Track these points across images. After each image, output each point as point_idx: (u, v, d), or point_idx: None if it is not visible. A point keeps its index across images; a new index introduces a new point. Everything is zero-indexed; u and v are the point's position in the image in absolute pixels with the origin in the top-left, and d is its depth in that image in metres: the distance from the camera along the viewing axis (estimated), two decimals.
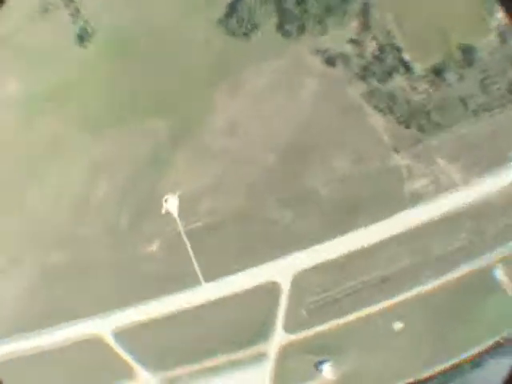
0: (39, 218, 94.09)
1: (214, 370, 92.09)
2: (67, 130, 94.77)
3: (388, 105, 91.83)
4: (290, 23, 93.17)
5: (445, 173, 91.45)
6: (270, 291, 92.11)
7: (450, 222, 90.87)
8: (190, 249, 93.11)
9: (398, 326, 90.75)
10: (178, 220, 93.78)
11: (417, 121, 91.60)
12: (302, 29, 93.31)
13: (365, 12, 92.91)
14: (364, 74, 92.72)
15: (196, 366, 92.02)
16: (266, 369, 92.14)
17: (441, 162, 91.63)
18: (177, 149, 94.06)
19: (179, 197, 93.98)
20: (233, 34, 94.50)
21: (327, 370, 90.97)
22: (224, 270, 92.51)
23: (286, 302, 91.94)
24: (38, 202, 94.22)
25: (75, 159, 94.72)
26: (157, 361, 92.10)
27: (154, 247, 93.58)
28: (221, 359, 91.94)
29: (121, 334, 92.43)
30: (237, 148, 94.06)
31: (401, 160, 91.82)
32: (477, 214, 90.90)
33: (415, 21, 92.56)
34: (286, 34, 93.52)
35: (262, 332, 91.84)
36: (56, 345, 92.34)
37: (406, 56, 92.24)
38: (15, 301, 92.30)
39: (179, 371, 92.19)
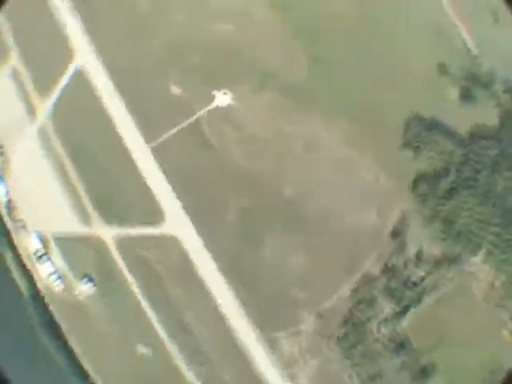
0: None
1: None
2: None
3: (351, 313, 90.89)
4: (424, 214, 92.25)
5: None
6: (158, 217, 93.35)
7: None
8: (178, 127, 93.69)
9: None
10: (205, 110, 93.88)
11: (347, 334, 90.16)
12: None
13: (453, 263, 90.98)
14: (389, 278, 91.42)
15: None
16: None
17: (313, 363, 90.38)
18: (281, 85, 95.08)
19: (231, 104, 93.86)
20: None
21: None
22: (168, 166, 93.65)
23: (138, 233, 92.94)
24: None
25: None
26: None
27: (177, 92, 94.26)
28: None
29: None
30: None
31: (308, 317, 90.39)
32: None
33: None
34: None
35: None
36: None
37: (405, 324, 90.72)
38: None
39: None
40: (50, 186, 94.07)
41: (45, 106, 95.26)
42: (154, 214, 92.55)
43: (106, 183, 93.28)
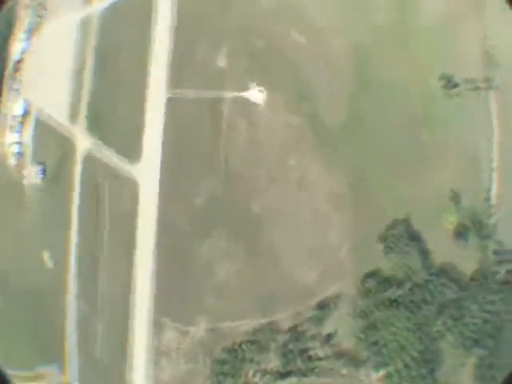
0: None
1: None
2: None
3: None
4: None
5: None
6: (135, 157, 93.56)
7: None
8: (202, 94, 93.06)
9: None
10: (234, 94, 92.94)
11: (225, 362, 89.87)
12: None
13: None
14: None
15: None
16: None
17: None
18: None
19: (259, 103, 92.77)
20: None
21: None
22: (171, 121, 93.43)
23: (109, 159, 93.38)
24: None
25: None
26: None
27: (222, 63, 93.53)
28: None
29: None
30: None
31: (202, 325, 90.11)
32: None
33: None
34: None
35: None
36: None
37: None
38: None
39: None
40: (63, 70, 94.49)
41: (102, 2, 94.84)
42: (133, 153, 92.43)
43: (110, 100, 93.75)
